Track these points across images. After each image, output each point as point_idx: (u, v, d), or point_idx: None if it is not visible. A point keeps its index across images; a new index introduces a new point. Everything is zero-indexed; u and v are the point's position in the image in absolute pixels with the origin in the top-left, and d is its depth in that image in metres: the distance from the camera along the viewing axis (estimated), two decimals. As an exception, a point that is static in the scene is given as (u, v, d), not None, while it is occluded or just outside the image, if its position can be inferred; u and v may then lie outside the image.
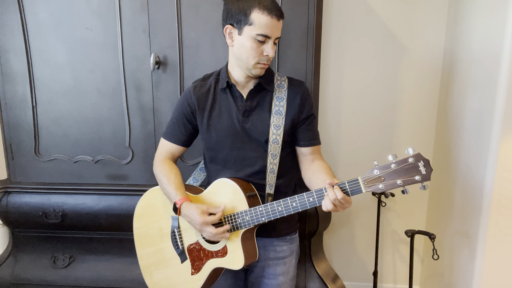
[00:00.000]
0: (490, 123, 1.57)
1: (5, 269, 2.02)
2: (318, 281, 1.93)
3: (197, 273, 1.41)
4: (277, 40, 1.29)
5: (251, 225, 1.31)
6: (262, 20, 1.22)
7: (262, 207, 1.29)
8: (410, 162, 1.13)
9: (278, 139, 1.35)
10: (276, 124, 1.35)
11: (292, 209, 1.26)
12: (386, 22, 2.10)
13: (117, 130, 1.89)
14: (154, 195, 1.48)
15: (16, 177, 1.97)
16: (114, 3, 1.75)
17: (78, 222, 1.94)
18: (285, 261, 1.46)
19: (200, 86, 1.41)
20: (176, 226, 1.43)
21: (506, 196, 1.56)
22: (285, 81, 1.40)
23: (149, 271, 1.51)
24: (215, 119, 1.38)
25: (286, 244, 1.46)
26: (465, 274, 1.77)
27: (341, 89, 2.19)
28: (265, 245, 1.44)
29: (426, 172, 1.12)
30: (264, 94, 1.38)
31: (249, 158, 1.38)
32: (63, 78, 1.86)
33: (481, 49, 1.70)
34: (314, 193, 1.22)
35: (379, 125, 2.22)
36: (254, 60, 1.28)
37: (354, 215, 2.35)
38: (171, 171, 1.42)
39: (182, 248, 1.43)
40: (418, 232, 1.81)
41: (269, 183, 1.37)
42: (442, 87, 2.11)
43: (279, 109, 1.36)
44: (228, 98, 1.38)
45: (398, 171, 1.13)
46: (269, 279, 1.45)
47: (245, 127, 1.36)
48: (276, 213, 1.28)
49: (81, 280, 1.99)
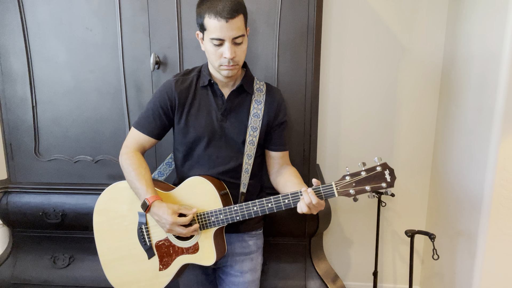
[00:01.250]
0: (490, 123, 1.57)
1: (5, 269, 2.02)
2: (318, 281, 1.93)
3: (166, 269, 1.42)
4: (240, 39, 1.27)
5: (225, 223, 1.35)
6: (212, 25, 1.24)
7: (237, 207, 1.32)
8: (378, 170, 1.21)
9: (254, 140, 1.40)
10: (253, 126, 1.39)
11: (268, 210, 1.31)
12: (386, 22, 2.10)
13: (117, 130, 1.89)
14: (119, 189, 1.47)
15: (16, 177, 1.97)
16: (114, 3, 1.75)
17: (78, 222, 1.94)
18: (252, 256, 1.49)
19: (182, 81, 1.41)
20: (144, 222, 1.42)
21: (506, 196, 1.57)
22: (263, 86, 1.44)
23: (111, 266, 1.50)
24: (194, 115, 1.40)
25: (252, 239, 1.50)
26: (465, 274, 1.77)
27: (341, 89, 2.20)
28: (232, 241, 1.47)
29: (391, 179, 1.21)
30: (244, 96, 1.41)
31: (224, 156, 1.41)
32: (63, 78, 1.86)
33: (481, 49, 1.70)
34: (289, 196, 1.28)
35: (379, 125, 2.22)
36: (216, 62, 1.31)
37: (354, 215, 2.35)
38: (141, 165, 1.40)
39: (149, 244, 1.43)
40: (418, 232, 1.81)
41: (243, 182, 1.41)
42: (442, 87, 2.12)
43: (256, 112, 1.40)
44: (208, 96, 1.40)
45: (367, 178, 1.22)
46: (236, 277, 1.47)
47: (223, 126, 1.40)
48: (251, 213, 1.32)
49: (81, 280, 1.99)
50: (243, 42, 1.30)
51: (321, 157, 2.26)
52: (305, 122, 1.79)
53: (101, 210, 1.50)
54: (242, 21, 1.27)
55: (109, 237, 1.49)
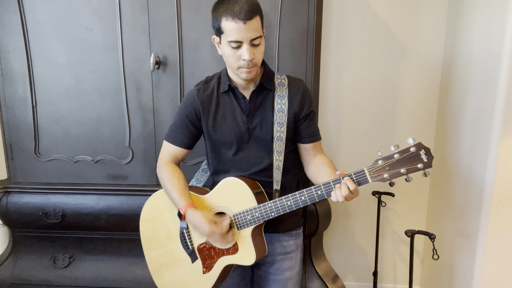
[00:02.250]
0: (490, 123, 1.57)
1: (5, 269, 2.02)
2: (318, 281, 1.93)
3: (209, 272, 1.43)
4: (257, 40, 1.27)
5: (260, 221, 1.34)
6: (229, 27, 1.23)
7: (271, 203, 1.32)
8: (412, 151, 1.17)
9: (282, 136, 1.38)
10: (279, 121, 1.38)
11: (301, 203, 1.29)
12: (386, 22, 2.10)
13: (117, 130, 1.89)
14: (160, 197, 1.49)
15: (16, 177, 1.97)
16: (114, 3, 1.75)
17: (78, 222, 1.94)
18: (292, 255, 1.49)
19: (204, 89, 1.42)
20: (185, 226, 1.44)
21: (506, 196, 1.56)
22: (285, 80, 1.42)
23: (159, 273, 1.51)
24: (220, 121, 1.40)
25: (292, 239, 1.49)
26: (465, 274, 1.77)
27: (341, 89, 2.19)
28: (272, 241, 1.47)
29: (427, 159, 1.16)
30: (266, 93, 1.40)
31: (255, 157, 1.41)
32: (63, 78, 1.86)
33: (481, 49, 1.70)
34: (322, 186, 1.25)
35: (379, 125, 2.22)
36: (235, 65, 1.30)
37: (354, 215, 2.35)
38: (174, 175, 1.42)
39: (192, 248, 1.44)
40: (418, 232, 1.81)
41: (276, 180, 1.40)
42: (442, 87, 2.12)
43: (281, 107, 1.38)
44: (231, 100, 1.40)
45: (401, 160, 1.18)
46: (275, 275, 1.47)
47: (250, 127, 1.39)
48: (285, 207, 1.31)
49: (81, 280, 1.99)
50: (261, 43, 1.29)
51: (321, 157, 2.26)
52: (305, 122, 1.79)
53: (146, 219, 1.52)
54: (259, 22, 1.26)
55: (155, 245, 1.51)
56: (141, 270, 1.97)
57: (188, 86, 1.81)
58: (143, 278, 1.96)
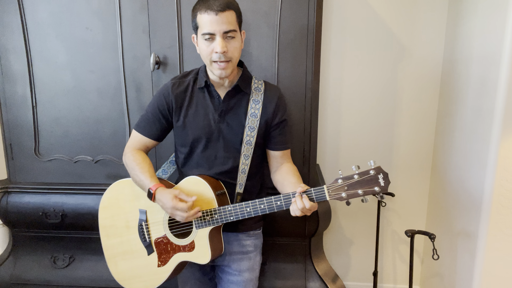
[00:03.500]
0: (490, 123, 1.57)
1: (5, 269, 2.02)
2: (318, 281, 1.93)
3: (163, 266, 1.45)
4: (231, 34, 1.27)
5: (219, 223, 1.36)
6: (203, 20, 1.25)
7: (231, 207, 1.34)
8: (371, 174, 1.19)
9: (252, 140, 1.39)
10: (250, 126, 1.39)
11: (260, 211, 1.31)
12: (386, 22, 2.10)
13: (117, 130, 1.89)
14: (122, 186, 1.50)
15: (16, 177, 1.97)
16: (114, 3, 1.75)
17: (78, 222, 1.94)
18: (250, 256, 1.50)
19: (179, 84, 1.43)
20: (144, 219, 1.45)
21: (506, 196, 1.57)
22: (262, 85, 1.43)
23: (114, 261, 1.54)
24: (191, 117, 1.41)
25: (250, 239, 1.51)
26: (465, 274, 1.77)
27: (341, 89, 2.20)
28: (230, 240, 1.48)
29: (384, 184, 1.19)
30: (241, 96, 1.41)
31: (222, 157, 1.42)
32: (63, 78, 1.86)
33: (481, 49, 1.70)
34: (282, 198, 1.28)
35: (379, 125, 2.22)
36: (208, 59, 1.30)
37: (354, 215, 2.35)
38: (145, 160, 1.43)
39: (149, 241, 1.46)
40: (418, 232, 1.81)
41: (240, 183, 1.42)
42: (442, 87, 2.12)
43: (254, 112, 1.39)
44: (205, 97, 1.41)
45: (360, 182, 1.20)
46: (234, 276, 1.48)
47: (221, 127, 1.40)
48: (244, 213, 1.33)
49: (81, 280, 1.99)
50: (236, 38, 1.29)
51: (321, 157, 2.26)
52: (305, 122, 1.79)
53: (106, 206, 1.54)
54: (233, 17, 1.27)
55: (112, 233, 1.53)
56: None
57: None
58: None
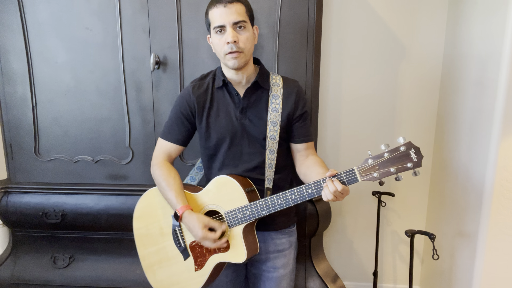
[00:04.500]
0: (490, 123, 1.57)
1: (5, 269, 2.02)
2: (318, 281, 1.93)
3: (201, 269, 1.44)
4: (241, 24, 1.30)
5: (251, 219, 1.35)
6: (213, 14, 1.30)
7: (262, 201, 1.33)
8: (402, 150, 1.17)
9: (275, 135, 1.40)
10: (273, 120, 1.39)
11: (292, 201, 1.29)
12: (386, 22, 2.10)
13: (117, 130, 1.89)
14: (153, 195, 1.50)
15: (16, 177, 1.97)
16: (114, 3, 1.75)
17: (78, 222, 1.94)
18: (285, 253, 1.50)
19: (199, 86, 1.44)
20: (177, 224, 1.45)
21: (506, 196, 1.56)
22: (280, 80, 1.44)
23: (152, 270, 1.53)
24: (214, 117, 1.42)
25: (285, 237, 1.50)
26: (465, 274, 1.77)
27: (341, 89, 2.19)
28: (265, 239, 1.47)
29: (417, 159, 1.16)
30: (261, 92, 1.42)
31: (247, 154, 1.42)
32: (63, 78, 1.86)
33: (481, 49, 1.70)
34: (312, 185, 1.26)
35: (379, 125, 2.22)
36: (222, 51, 1.33)
37: (354, 215, 2.35)
38: (170, 175, 1.43)
39: (184, 245, 1.46)
40: (418, 232, 1.81)
41: (268, 178, 1.42)
42: (442, 86, 2.12)
43: (275, 106, 1.40)
44: (225, 96, 1.42)
45: (391, 160, 1.18)
46: (269, 272, 1.48)
47: (243, 123, 1.40)
48: (276, 206, 1.31)
49: (81, 280, 1.99)
50: (246, 28, 1.31)
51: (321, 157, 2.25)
52: (305, 122, 1.79)
53: (139, 216, 1.53)
54: (242, 9, 1.30)
55: (148, 242, 1.52)
56: (141, 270, 1.95)
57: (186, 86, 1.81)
58: (143, 278, 1.95)
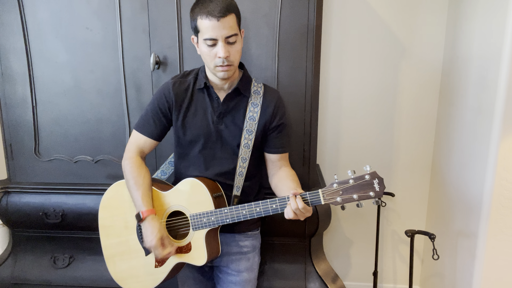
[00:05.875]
0: (490, 123, 1.57)
1: (5, 269, 2.02)
2: (318, 281, 1.93)
3: (160, 267, 1.46)
4: (232, 38, 1.27)
5: (215, 225, 1.36)
6: (204, 25, 1.25)
7: (227, 210, 1.34)
8: (366, 179, 1.20)
9: (250, 143, 1.40)
10: (248, 129, 1.39)
11: (256, 214, 1.32)
12: (386, 22, 2.10)
13: (117, 130, 1.89)
14: (122, 187, 1.50)
15: (16, 177, 1.97)
16: (114, 3, 1.75)
17: (78, 222, 1.94)
18: (248, 256, 1.51)
19: (180, 83, 1.43)
20: None
21: (506, 196, 1.57)
22: (261, 88, 1.44)
23: (113, 261, 1.54)
24: (190, 117, 1.42)
25: (248, 240, 1.51)
26: (465, 274, 1.77)
27: (341, 89, 2.19)
28: (228, 241, 1.49)
29: (379, 189, 1.20)
30: (240, 99, 1.41)
31: (219, 158, 1.42)
32: (63, 78, 1.86)
33: (481, 50, 1.70)
34: (277, 201, 1.28)
35: (379, 125, 2.22)
36: (211, 64, 1.31)
37: (354, 215, 2.35)
38: (140, 173, 1.42)
39: None
40: (418, 232, 1.81)
41: (237, 185, 1.42)
42: (442, 87, 2.12)
43: (252, 115, 1.40)
44: (205, 98, 1.41)
45: (355, 187, 1.21)
46: (233, 276, 1.49)
47: (219, 128, 1.41)
48: (240, 216, 1.33)
49: (81, 280, 1.99)
50: (237, 41, 1.30)
51: (321, 157, 2.26)
52: (305, 122, 1.79)
53: (105, 206, 1.54)
54: (234, 20, 1.27)
55: (111, 233, 1.53)
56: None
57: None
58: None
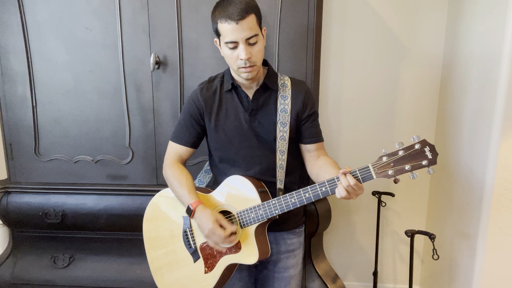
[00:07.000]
0: (490, 123, 1.57)
1: (5, 269, 2.02)
2: (318, 281, 1.93)
3: (211, 271, 1.42)
4: (253, 39, 1.28)
5: (264, 218, 1.33)
6: (224, 29, 1.26)
7: (275, 200, 1.32)
8: (417, 148, 1.16)
9: (285, 136, 1.40)
10: (282, 121, 1.39)
11: (306, 200, 1.28)
12: (386, 22, 2.10)
13: (117, 130, 1.89)
14: (164, 196, 1.49)
15: (16, 177, 1.97)
16: (114, 3, 1.75)
17: (78, 222, 1.94)
18: (295, 253, 1.51)
19: (207, 88, 1.44)
20: (188, 225, 1.44)
21: (506, 196, 1.57)
22: (288, 81, 1.44)
23: (160, 273, 1.50)
24: (223, 120, 1.42)
25: (295, 237, 1.52)
26: (465, 274, 1.77)
27: (341, 89, 2.19)
28: (277, 239, 1.48)
29: (432, 156, 1.15)
30: (269, 93, 1.42)
31: (258, 156, 1.42)
32: (63, 78, 1.86)
33: (481, 49, 1.70)
34: (326, 183, 1.25)
35: (379, 125, 2.22)
36: (234, 65, 1.32)
37: (354, 215, 2.35)
38: (182, 174, 1.43)
39: (194, 247, 1.44)
40: (418, 232, 1.81)
41: (279, 179, 1.42)
42: (442, 87, 2.12)
43: (284, 107, 1.40)
44: (234, 99, 1.41)
45: (406, 157, 1.17)
46: (279, 273, 1.49)
47: (253, 126, 1.40)
48: (289, 205, 1.30)
49: (81, 280, 1.99)
50: (258, 41, 1.30)
51: (321, 157, 2.26)
52: (305, 122, 1.79)
53: (149, 218, 1.52)
54: (254, 20, 1.27)
55: (157, 244, 1.50)
56: (141, 270, 1.97)
57: (188, 86, 1.81)
58: (143, 278, 1.96)
